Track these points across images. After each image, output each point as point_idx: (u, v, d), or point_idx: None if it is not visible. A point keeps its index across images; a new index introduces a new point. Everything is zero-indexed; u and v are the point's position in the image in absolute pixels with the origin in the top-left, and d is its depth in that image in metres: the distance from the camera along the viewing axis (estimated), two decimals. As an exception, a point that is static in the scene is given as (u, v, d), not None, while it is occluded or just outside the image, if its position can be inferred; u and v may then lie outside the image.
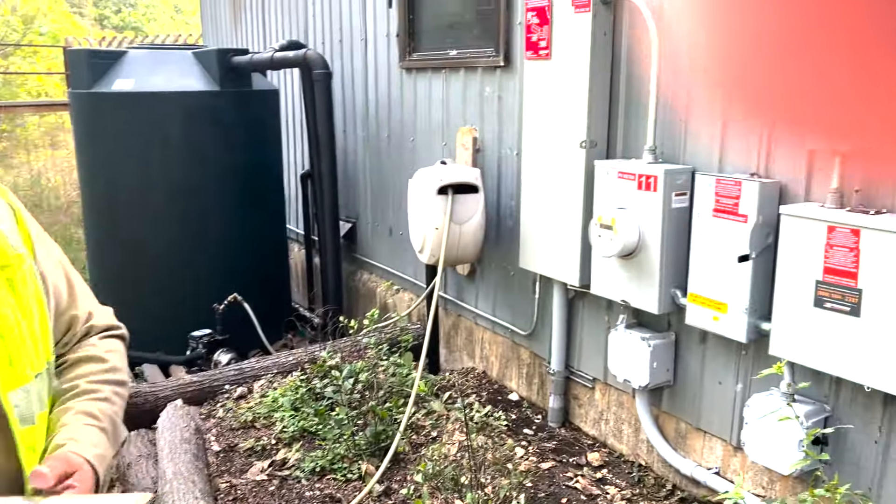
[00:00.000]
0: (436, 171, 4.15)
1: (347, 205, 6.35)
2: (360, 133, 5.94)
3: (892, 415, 2.59)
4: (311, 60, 5.13)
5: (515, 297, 4.43)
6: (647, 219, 3.21)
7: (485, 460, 3.16)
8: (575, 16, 3.48)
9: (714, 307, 3.00)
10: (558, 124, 3.66)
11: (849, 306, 2.48)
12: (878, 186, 2.53)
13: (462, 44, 4.60)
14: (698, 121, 3.14)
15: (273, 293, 6.24)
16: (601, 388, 3.93)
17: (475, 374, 4.86)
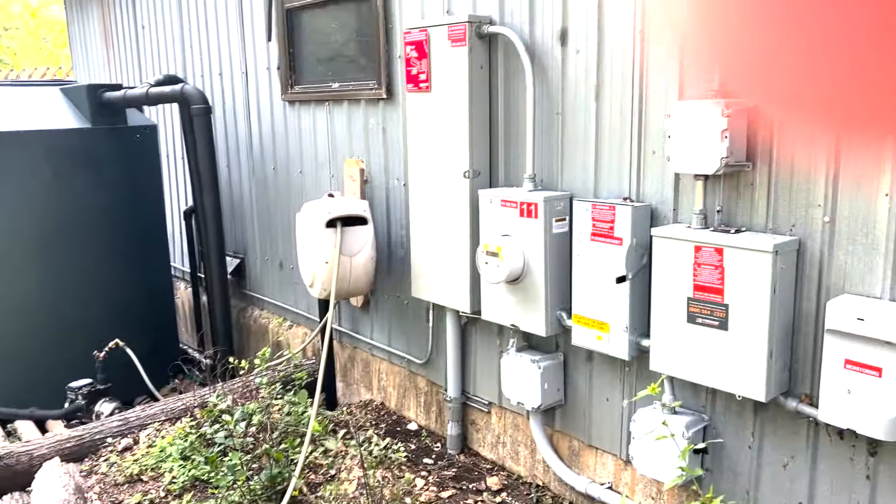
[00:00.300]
0: (323, 205, 4.11)
1: (235, 240, 6.19)
2: (246, 166, 5.82)
3: (763, 421, 2.76)
4: (189, 95, 4.99)
5: (410, 326, 4.44)
6: (531, 245, 3.30)
7: (383, 497, 3.12)
8: (452, 50, 3.56)
9: (597, 327, 3.11)
10: (442, 155, 3.72)
11: (717, 321, 2.64)
12: (736, 205, 2.71)
13: (344, 76, 4.61)
14: (572, 149, 3.27)
15: (159, 336, 5.97)
16: (497, 411, 3.98)
17: (373, 405, 4.82)
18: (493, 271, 3.35)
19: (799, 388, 2.62)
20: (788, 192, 2.56)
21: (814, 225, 2.51)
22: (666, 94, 2.87)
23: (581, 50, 3.17)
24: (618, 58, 3.02)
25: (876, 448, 2.44)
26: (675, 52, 2.81)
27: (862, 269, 2.40)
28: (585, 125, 3.20)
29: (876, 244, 2.36)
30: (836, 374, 2.36)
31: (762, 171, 2.61)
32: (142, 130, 5.63)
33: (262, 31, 5.26)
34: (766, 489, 2.78)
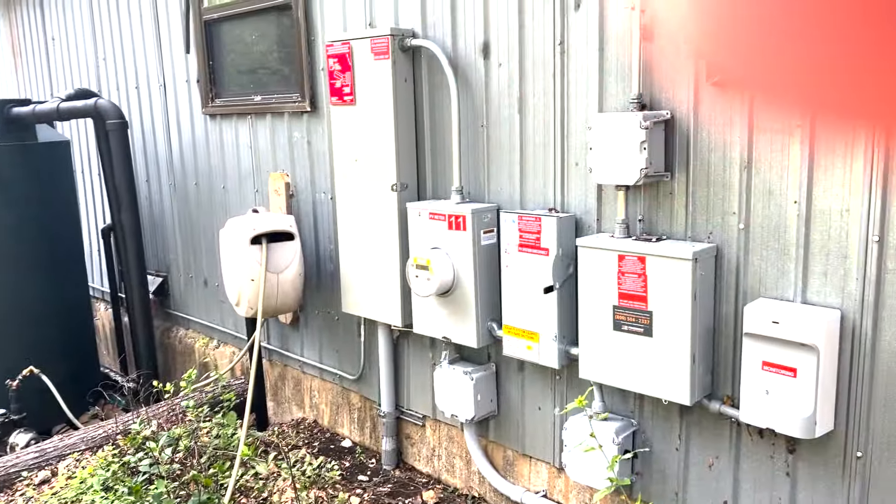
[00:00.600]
0: (248, 221, 4.02)
1: (157, 258, 5.99)
2: (167, 182, 5.64)
3: (689, 423, 2.84)
4: (103, 110, 4.81)
5: (341, 342, 4.38)
6: (460, 257, 3.31)
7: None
8: (375, 63, 3.55)
9: (527, 337, 3.14)
10: (369, 168, 3.70)
11: (642, 328, 2.69)
12: (657, 214, 2.78)
13: (267, 89, 4.52)
14: (498, 161, 3.29)
15: (77, 360, 5.71)
16: (432, 424, 3.97)
17: (306, 424, 4.73)
18: (423, 284, 3.34)
19: (721, 390, 2.70)
20: (706, 200, 2.64)
21: (730, 232, 2.59)
22: (587, 107, 2.93)
23: (503, 63, 3.20)
24: (539, 71, 3.07)
25: (794, 446, 2.54)
26: (595, 64, 2.87)
27: (775, 274, 2.50)
28: (510, 137, 3.24)
29: (787, 249, 2.46)
30: (755, 376, 2.45)
31: (680, 181, 2.69)
32: (54, 146, 5.39)
33: (179, 43, 5.11)
34: (693, 490, 2.85)
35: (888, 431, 2.32)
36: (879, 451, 2.34)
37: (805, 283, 2.43)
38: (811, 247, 2.40)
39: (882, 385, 2.31)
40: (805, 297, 2.44)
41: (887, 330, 2.28)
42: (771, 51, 0.44)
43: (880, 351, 2.30)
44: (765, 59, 0.45)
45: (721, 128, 2.56)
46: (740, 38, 0.45)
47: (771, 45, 0.44)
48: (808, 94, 0.45)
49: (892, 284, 2.25)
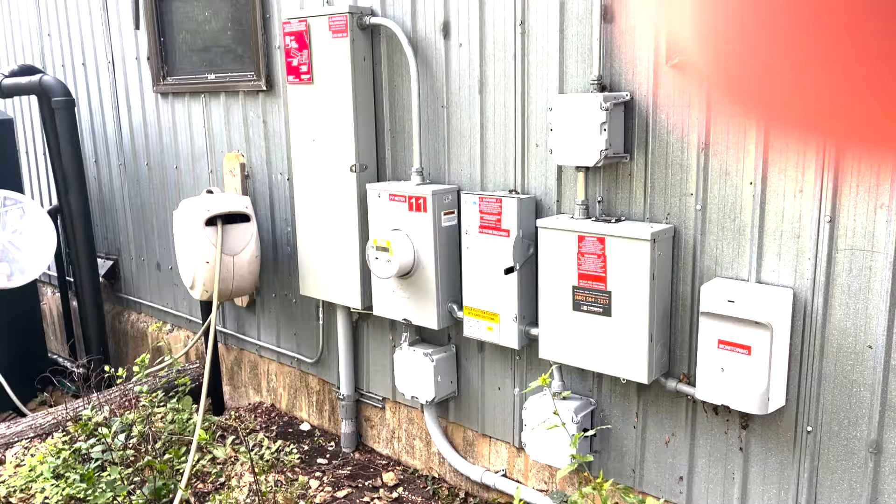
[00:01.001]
0: (202, 202, 3.93)
1: (107, 241, 5.83)
2: (116, 163, 5.48)
3: (647, 401, 2.88)
4: (48, 87, 4.63)
5: (299, 325, 4.34)
6: (421, 239, 3.29)
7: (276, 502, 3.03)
8: (333, 41, 3.49)
9: (487, 318, 3.15)
10: (327, 149, 3.64)
11: (601, 308, 2.72)
12: (616, 195, 2.81)
13: (220, 67, 4.42)
14: (459, 142, 3.28)
15: (23, 346, 5.54)
16: (391, 406, 3.96)
17: (264, 408, 4.68)
18: (383, 266, 3.32)
19: (678, 368, 2.75)
20: (664, 181, 2.67)
21: (687, 213, 2.63)
22: (547, 88, 2.93)
23: (464, 43, 3.18)
24: (500, 51, 3.05)
25: (747, 421, 2.61)
26: (555, 45, 2.87)
27: (731, 254, 2.55)
28: (471, 118, 3.22)
29: (742, 229, 2.51)
30: (711, 354, 2.50)
31: (639, 162, 2.72)
32: (-4, 125, 5.18)
33: (128, 18, 4.95)
34: (650, 466, 2.91)
35: (837, 406, 2.39)
36: (829, 425, 2.42)
37: (760, 263, 2.48)
38: (766, 227, 2.45)
39: (832, 362, 2.38)
40: (759, 277, 2.49)
41: (837, 308, 2.35)
42: (732, 50, 0.43)
43: (831, 328, 2.37)
44: (727, 58, 0.44)
45: (680, 110, 2.59)
46: (707, 30, 0.44)
47: (733, 44, 0.43)
48: (765, 103, 0.44)
49: (843, 264, 2.31)
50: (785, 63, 0.41)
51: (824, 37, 0.39)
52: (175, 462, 3.60)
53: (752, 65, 0.43)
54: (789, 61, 0.41)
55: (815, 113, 0.43)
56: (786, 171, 2.38)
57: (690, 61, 0.47)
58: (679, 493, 2.83)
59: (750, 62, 0.43)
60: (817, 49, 0.40)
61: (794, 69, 0.41)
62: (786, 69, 0.41)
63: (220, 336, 4.89)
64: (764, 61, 0.42)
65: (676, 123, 2.60)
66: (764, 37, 0.41)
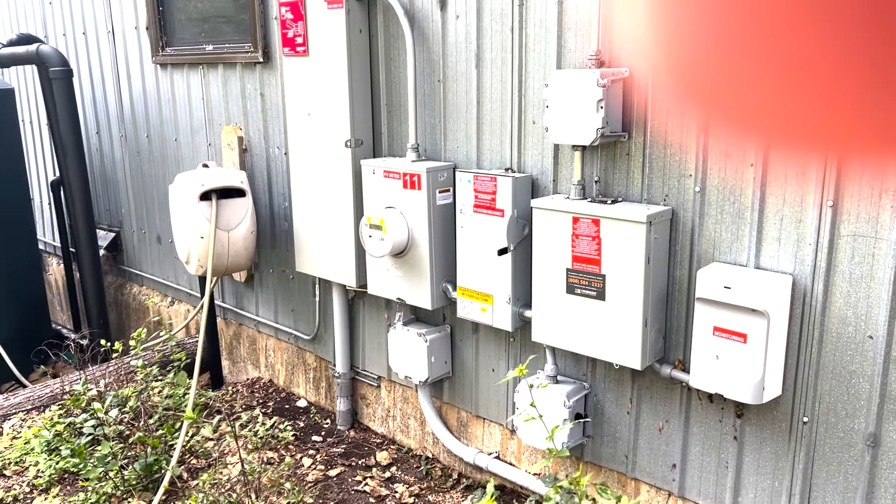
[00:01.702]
0: (197, 176, 3.87)
1: (109, 212, 5.80)
2: (117, 134, 5.43)
3: (641, 387, 2.82)
4: (45, 56, 4.57)
5: (297, 302, 4.30)
6: (415, 217, 3.22)
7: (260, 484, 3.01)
8: (328, 12, 3.39)
9: (481, 299, 3.08)
10: (323, 123, 3.57)
11: (595, 291, 2.65)
12: (613, 175, 2.72)
13: (219, 38, 4.33)
14: (455, 118, 3.19)
15: (27, 316, 5.55)
16: (387, 385, 3.92)
17: (262, 383, 4.66)
18: (376, 244, 3.26)
19: (673, 354, 2.68)
20: (662, 162, 2.57)
21: (686, 194, 2.54)
22: (545, 63, 2.83)
23: (461, 15, 3.07)
24: (497, 24, 2.95)
25: (742, 410, 2.54)
26: (554, 18, 2.76)
27: (730, 238, 2.46)
28: (467, 94, 3.13)
29: (742, 213, 2.41)
30: (706, 341, 2.42)
31: (637, 142, 2.62)
32: (-5, 94, 5.14)
33: (128, -12, 4.86)
34: (643, 452, 2.85)
35: (835, 397, 2.32)
36: (825, 416, 2.35)
37: (759, 248, 2.40)
38: (766, 211, 2.36)
39: (830, 351, 2.30)
40: (758, 262, 2.41)
41: (838, 296, 2.26)
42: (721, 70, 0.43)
43: (830, 317, 2.29)
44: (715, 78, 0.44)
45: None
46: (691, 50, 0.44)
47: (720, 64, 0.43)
48: (760, 119, 0.44)
49: (845, 251, 2.22)
50: (726, 61, 0.42)
51: (764, 39, 0.40)
52: (168, 438, 3.58)
53: (697, 61, 0.44)
54: (730, 60, 0.42)
55: (750, 111, 0.44)
56: (788, 154, 2.28)
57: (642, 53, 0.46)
58: (672, 480, 2.78)
59: (696, 59, 0.44)
60: (757, 49, 0.40)
61: (734, 68, 0.42)
62: (727, 67, 0.42)
63: (219, 311, 4.87)
64: (708, 59, 0.43)
65: (676, 102, 2.49)
66: (710, 37, 0.42)
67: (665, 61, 0.46)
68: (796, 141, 0.45)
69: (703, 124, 2.45)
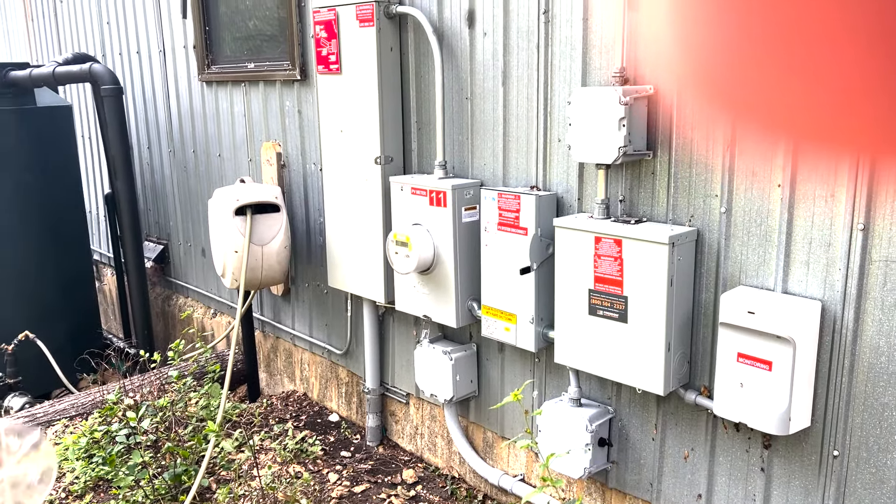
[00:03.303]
0: (233, 191, 3.95)
1: (159, 224, 5.98)
2: (166, 149, 5.60)
3: (666, 413, 2.73)
4: (97, 75, 4.75)
5: (330, 316, 4.33)
6: (441, 234, 3.21)
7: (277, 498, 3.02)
8: (360, 30, 3.42)
9: (505, 318, 3.04)
10: (354, 139, 3.60)
11: (617, 313, 2.58)
12: (639, 194, 2.65)
13: (260, 56, 4.43)
14: (482, 135, 3.17)
15: (78, 324, 5.74)
16: (415, 402, 3.91)
17: (296, 397, 4.70)
18: (402, 261, 3.26)
19: (699, 380, 2.59)
20: (688, 181, 2.50)
21: (711, 215, 2.46)
22: (570, 80, 2.79)
23: (488, 32, 3.06)
24: (524, 41, 2.93)
25: (770, 441, 2.43)
26: (579, 36, 2.72)
27: (756, 261, 2.36)
28: (494, 111, 3.11)
29: (769, 235, 2.32)
30: (730, 368, 2.33)
31: (662, 160, 2.55)
32: (54, 111, 5.36)
33: (177, 8, 5.02)
34: (668, 481, 2.75)
35: (867, 430, 2.19)
36: (857, 450, 2.22)
37: (787, 272, 2.30)
38: (794, 234, 2.26)
39: (862, 382, 2.18)
40: (786, 287, 2.31)
41: (870, 324, 2.15)
42: (747, 75, 0.43)
43: (862, 346, 2.17)
44: (742, 84, 0.44)
45: (705, 105, 2.41)
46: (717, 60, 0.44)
47: (748, 69, 0.43)
48: (789, 122, 0.44)
49: (876, 276, 2.11)
50: (754, 66, 0.42)
51: (793, 42, 0.40)
52: (198, 448, 3.64)
53: (723, 66, 0.43)
54: (758, 64, 0.41)
55: (779, 114, 0.43)
56: (816, 174, 2.19)
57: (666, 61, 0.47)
58: (698, 511, 2.67)
59: (722, 64, 0.43)
60: (784, 53, 0.40)
61: (761, 72, 0.41)
62: (754, 72, 0.42)
63: (257, 323, 4.94)
64: (735, 64, 0.43)
65: (701, 118, 2.42)
66: (735, 41, 0.42)
67: (691, 74, 0.46)
68: (827, 147, 0.44)
69: (729, 142, 2.37)
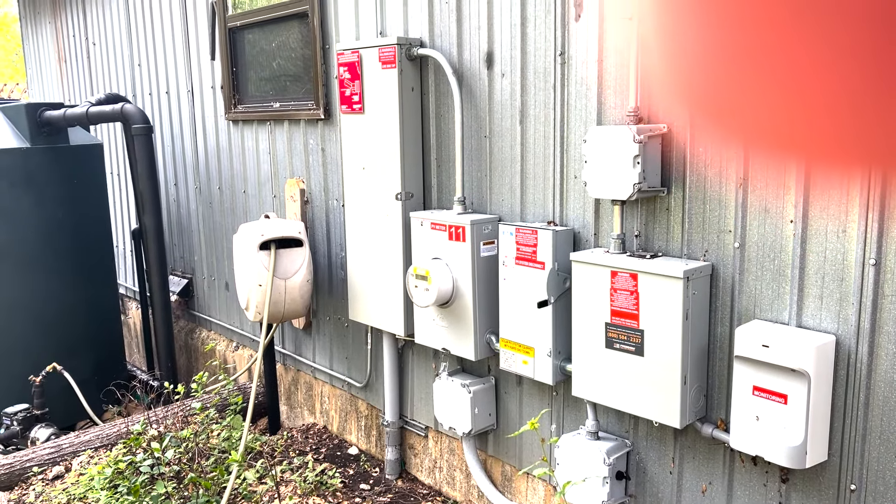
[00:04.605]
0: (257, 226, 4.06)
1: (183, 259, 6.10)
2: (192, 185, 5.75)
3: (683, 446, 2.74)
4: (128, 114, 4.92)
5: (350, 349, 4.39)
6: (459, 268, 3.27)
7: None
8: (383, 72, 3.54)
9: (523, 351, 3.09)
10: (376, 176, 3.70)
11: (634, 346, 2.62)
12: (654, 229, 2.71)
13: (285, 96, 4.57)
14: (500, 172, 3.26)
15: (104, 357, 5.85)
16: (434, 435, 3.94)
17: (316, 430, 4.75)
18: (421, 294, 3.32)
19: (715, 413, 2.61)
20: (702, 217, 2.55)
21: (725, 250, 2.50)
22: (585, 119, 2.87)
23: (506, 73, 3.16)
24: (540, 82, 3.02)
25: (787, 475, 2.43)
26: (594, 76, 2.81)
27: (771, 296, 2.40)
28: (512, 149, 3.19)
29: (783, 270, 2.36)
30: (746, 401, 2.35)
31: (677, 197, 2.61)
32: (86, 149, 5.54)
33: (206, 50, 5.21)
34: (686, 515, 2.76)
35: (883, 464, 2.20)
36: (874, 484, 2.23)
37: (800, 306, 2.33)
38: (807, 268, 2.30)
39: (878, 416, 2.20)
40: (800, 321, 2.34)
41: (884, 358, 2.17)
42: (750, 96, 0.43)
43: (876, 380, 2.19)
44: (745, 106, 0.44)
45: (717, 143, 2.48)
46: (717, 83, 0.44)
47: (749, 89, 0.43)
48: (799, 142, 0.44)
49: (889, 311, 2.14)
50: (758, 85, 0.41)
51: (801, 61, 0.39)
52: (220, 479, 3.69)
53: (728, 87, 0.43)
54: (763, 83, 0.41)
55: (789, 133, 0.43)
56: (828, 210, 2.23)
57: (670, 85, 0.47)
58: (716, 546, 2.67)
59: (726, 84, 0.43)
60: (795, 72, 0.40)
61: (768, 91, 0.41)
62: (759, 91, 0.41)
63: (278, 356, 5.01)
64: (739, 83, 0.42)
65: (714, 156, 2.49)
66: (739, 59, 0.41)
67: (702, 113, 0.46)
68: (834, 161, 0.44)
69: (741, 179, 2.43)
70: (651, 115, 2.64)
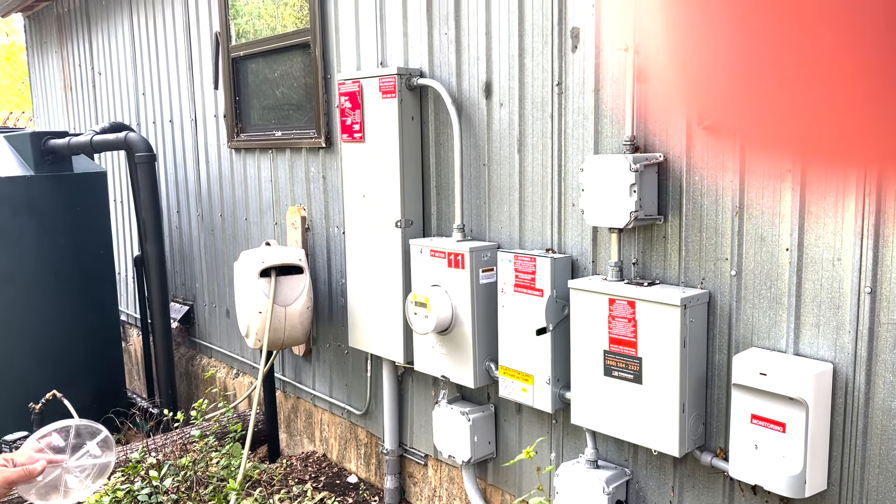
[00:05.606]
0: (258, 254, 4.08)
1: (185, 286, 6.12)
2: (195, 212, 5.79)
3: (682, 475, 2.73)
4: (132, 143, 4.97)
5: (350, 377, 4.38)
6: (459, 295, 3.28)
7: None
8: (383, 101, 3.59)
9: (522, 379, 3.09)
10: (376, 204, 3.72)
11: (632, 374, 2.62)
12: (651, 257, 2.72)
13: (287, 125, 4.62)
14: (499, 200, 3.28)
15: (104, 384, 5.84)
16: (433, 464, 3.91)
17: (315, 458, 4.72)
18: (421, 322, 3.33)
19: (714, 442, 2.60)
20: (698, 245, 2.57)
21: (722, 278, 2.52)
22: (583, 148, 2.90)
23: (504, 103, 3.20)
24: (538, 111, 3.06)
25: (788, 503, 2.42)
26: (591, 106, 2.85)
27: (768, 323, 2.41)
28: (510, 177, 3.22)
29: (779, 298, 2.37)
30: (744, 429, 2.35)
31: (673, 225, 2.63)
32: (89, 178, 5.59)
33: (210, 79, 5.28)
34: (686, 546, 2.73)
35: (883, 493, 2.19)
36: (875, 514, 2.21)
37: (797, 334, 2.34)
38: (803, 296, 2.31)
39: (876, 444, 2.19)
40: (797, 349, 2.34)
41: (881, 386, 2.17)
42: (756, 94, 0.44)
43: (874, 408, 2.19)
44: (751, 104, 0.45)
45: (713, 171, 2.50)
46: (724, 82, 0.45)
47: (756, 88, 0.43)
48: (796, 137, 0.44)
49: (885, 339, 2.14)
50: (772, 86, 0.42)
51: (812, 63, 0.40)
52: (219, 508, 3.67)
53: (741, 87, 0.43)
54: (777, 84, 0.41)
55: (798, 134, 0.43)
56: (823, 238, 2.25)
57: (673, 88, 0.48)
58: (717, 577, 2.64)
59: (736, 86, 0.43)
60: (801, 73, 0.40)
61: (781, 93, 0.41)
62: (773, 92, 0.42)
63: (278, 384, 5.00)
64: (751, 86, 0.42)
65: (710, 185, 2.51)
66: (751, 61, 0.42)
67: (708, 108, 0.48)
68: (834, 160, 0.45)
69: (737, 208, 2.45)
70: (647, 143, 2.67)
